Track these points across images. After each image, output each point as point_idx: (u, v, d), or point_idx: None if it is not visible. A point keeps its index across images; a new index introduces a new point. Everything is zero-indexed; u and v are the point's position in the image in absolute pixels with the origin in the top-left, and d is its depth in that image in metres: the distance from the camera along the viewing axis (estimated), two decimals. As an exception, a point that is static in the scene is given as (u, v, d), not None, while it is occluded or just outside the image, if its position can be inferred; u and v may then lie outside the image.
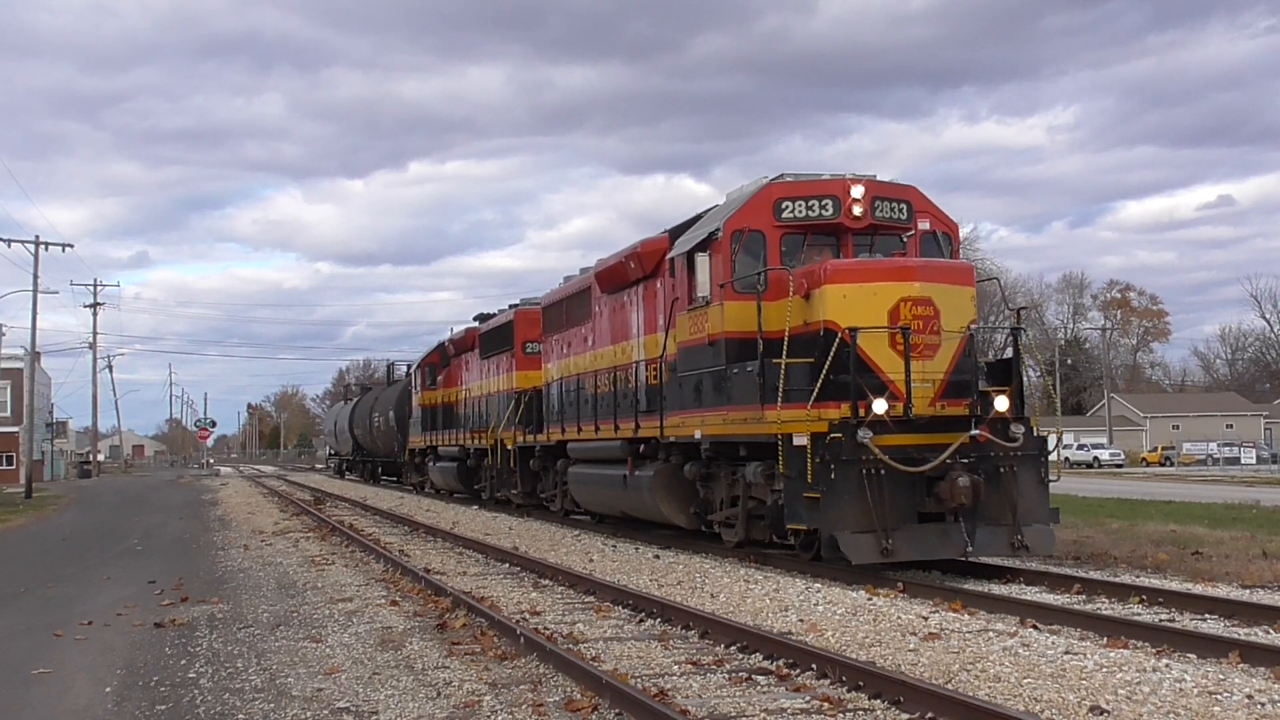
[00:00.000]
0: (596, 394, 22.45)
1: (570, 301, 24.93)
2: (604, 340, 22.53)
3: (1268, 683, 8.48)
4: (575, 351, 24.33)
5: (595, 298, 22.95)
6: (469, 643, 11.04)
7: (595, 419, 22.34)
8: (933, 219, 17.16)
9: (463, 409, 36.15)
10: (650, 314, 20.12)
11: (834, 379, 14.54)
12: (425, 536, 23.84)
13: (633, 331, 20.96)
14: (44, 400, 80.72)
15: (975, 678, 8.87)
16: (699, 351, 17.29)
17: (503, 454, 29.95)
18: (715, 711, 8.15)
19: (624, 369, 21.04)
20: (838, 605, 12.49)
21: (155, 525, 30.12)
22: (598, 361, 22.70)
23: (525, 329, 29.83)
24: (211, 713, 8.75)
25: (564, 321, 25.26)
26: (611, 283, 21.90)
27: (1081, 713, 7.76)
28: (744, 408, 15.76)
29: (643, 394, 20.00)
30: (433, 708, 8.60)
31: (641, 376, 20.16)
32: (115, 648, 11.66)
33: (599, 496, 23.06)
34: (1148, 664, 9.06)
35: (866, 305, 14.85)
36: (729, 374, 16.28)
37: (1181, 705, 7.81)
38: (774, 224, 16.55)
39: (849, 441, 14.17)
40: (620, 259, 21.21)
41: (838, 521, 14.17)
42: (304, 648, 11.18)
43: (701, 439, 17.28)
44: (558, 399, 25.36)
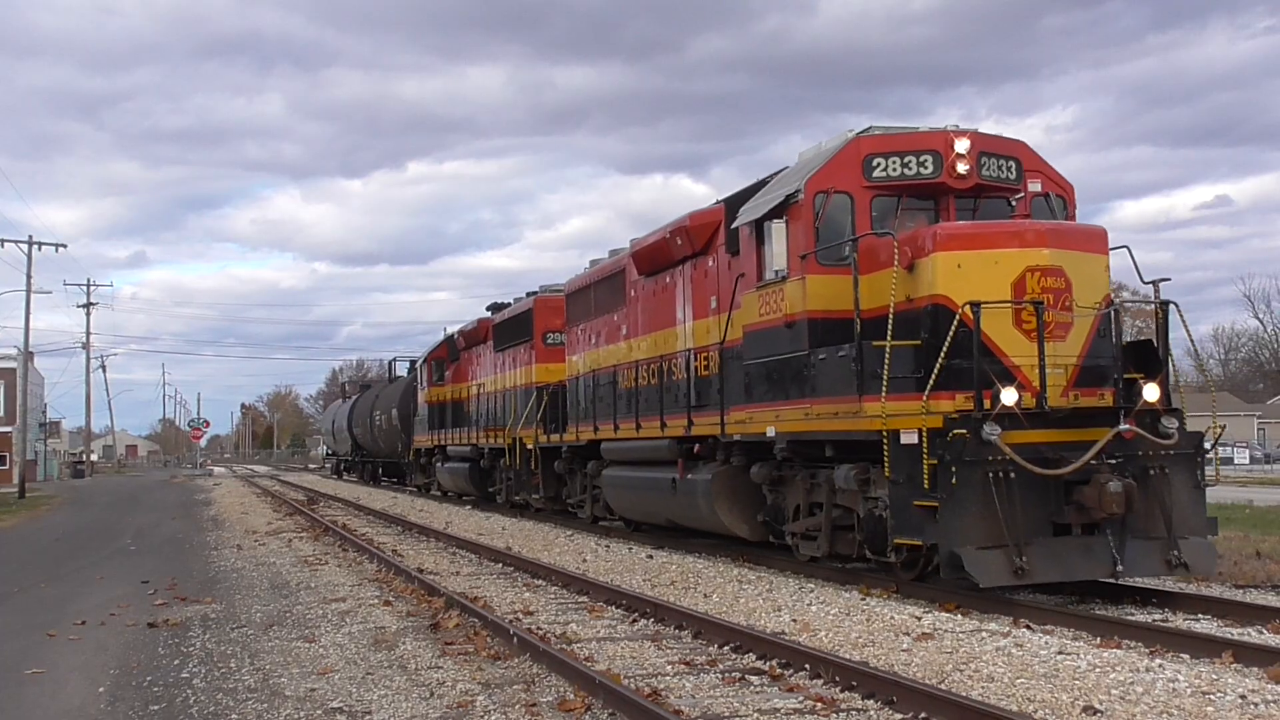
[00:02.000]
0: (637, 388, 20.35)
1: (600, 287, 22.82)
2: (643, 328, 20.52)
3: (1261, 683, 8.49)
4: (607, 341, 22.28)
5: (631, 281, 20.94)
6: (462, 643, 11.03)
7: (636, 416, 20.14)
8: (1044, 179, 14.95)
9: (474, 406, 33.90)
10: (700, 296, 18.13)
11: (945, 365, 12.41)
12: (418, 536, 23.82)
13: (678, 317, 18.96)
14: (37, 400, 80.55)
15: (968, 678, 8.87)
16: (772, 335, 15.05)
17: (522, 454, 27.53)
18: (708, 712, 8.15)
19: (670, 359, 19.06)
20: (831, 605, 12.50)
21: (148, 525, 30.08)
22: (635, 352, 20.70)
23: (546, 318, 27.69)
24: (205, 713, 8.73)
25: (592, 309, 23.19)
26: (652, 263, 19.86)
27: (1075, 713, 7.77)
28: (834, 399, 13.64)
29: (692, 387, 18.12)
30: (426, 708, 8.59)
31: (691, 367, 18.22)
32: (108, 648, 11.64)
33: (641, 503, 20.73)
34: (1141, 664, 9.06)
35: (985, 276, 12.70)
36: (812, 360, 14.07)
37: (1175, 705, 7.82)
38: (863, 184, 14.31)
39: (973, 439, 12.03)
40: (663, 235, 19.11)
41: (960, 535, 11.95)
42: (297, 648, 11.16)
43: (775, 437, 14.97)
44: (585, 394, 23.35)
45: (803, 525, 15.32)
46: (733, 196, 17.25)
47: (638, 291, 20.69)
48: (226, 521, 29.84)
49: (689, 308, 18.52)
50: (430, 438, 38.61)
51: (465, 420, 34.81)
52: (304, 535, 24.55)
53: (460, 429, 34.94)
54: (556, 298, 26.97)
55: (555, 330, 27.12)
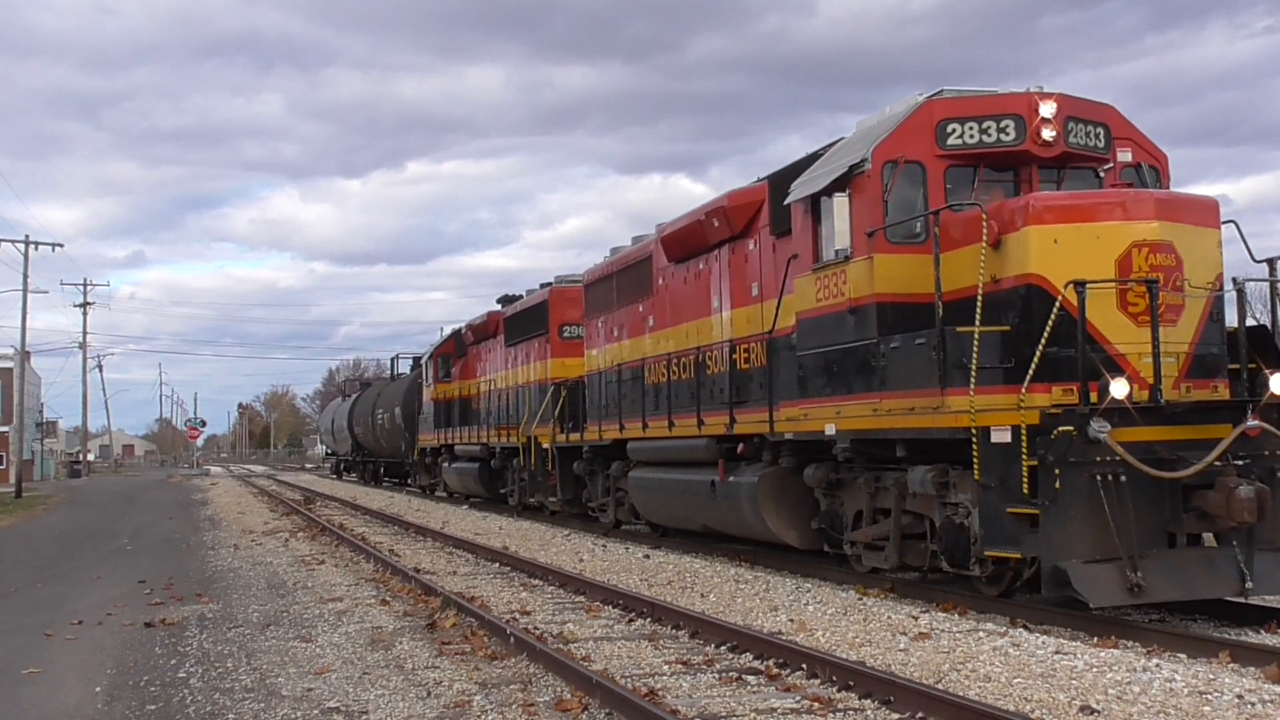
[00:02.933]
0: (670, 383, 18.82)
1: (623, 276, 21.40)
2: (673, 318, 19.13)
3: (1258, 682, 8.50)
4: (631, 334, 20.93)
5: (659, 268, 19.63)
6: (459, 642, 11.03)
7: (669, 413, 18.62)
8: (1135, 147, 13.49)
9: (483, 403, 32.55)
10: (739, 283, 16.86)
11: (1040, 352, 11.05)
12: (415, 536, 23.80)
13: (714, 306, 17.62)
14: (34, 400, 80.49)
15: (965, 677, 8.87)
16: (832, 322, 13.59)
17: (537, 454, 25.94)
18: (705, 711, 8.15)
19: (706, 352, 17.68)
20: (828, 605, 12.49)
21: (145, 525, 30.06)
22: (664, 344, 19.34)
23: (562, 310, 26.32)
24: (201, 712, 8.73)
25: (614, 299, 21.76)
26: (683, 248, 18.50)
27: (1072, 712, 7.77)
28: (910, 393, 12.17)
29: (731, 381, 16.66)
30: (423, 707, 8.59)
31: (730, 360, 16.77)
32: (105, 647, 11.63)
33: (674, 508, 19.15)
34: (1138, 664, 9.06)
35: (1085, 253, 11.35)
36: (882, 350, 12.63)
37: (1172, 705, 7.82)
38: (936, 153, 12.97)
39: (1079, 437, 10.62)
40: (696, 218, 17.79)
41: (1065, 546, 10.57)
42: (294, 647, 11.16)
43: (835, 435, 13.54)
44: (608, 390, 21.92)
45: (868, 534, 13.81)
46: (778, 173, 15.95)
47: (666, 280, 19.42)
48: (223, 521, 29.82)
49: (726, 296, 17.29)
50: (436, 436, 37.26)
51: (474, 418, 33.56)
52: (301, 535, 24.53)
53: (468, 427, 33.60)
54: (573, 288, 25.73)
55: (572, 323, 25.85)
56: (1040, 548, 10.76)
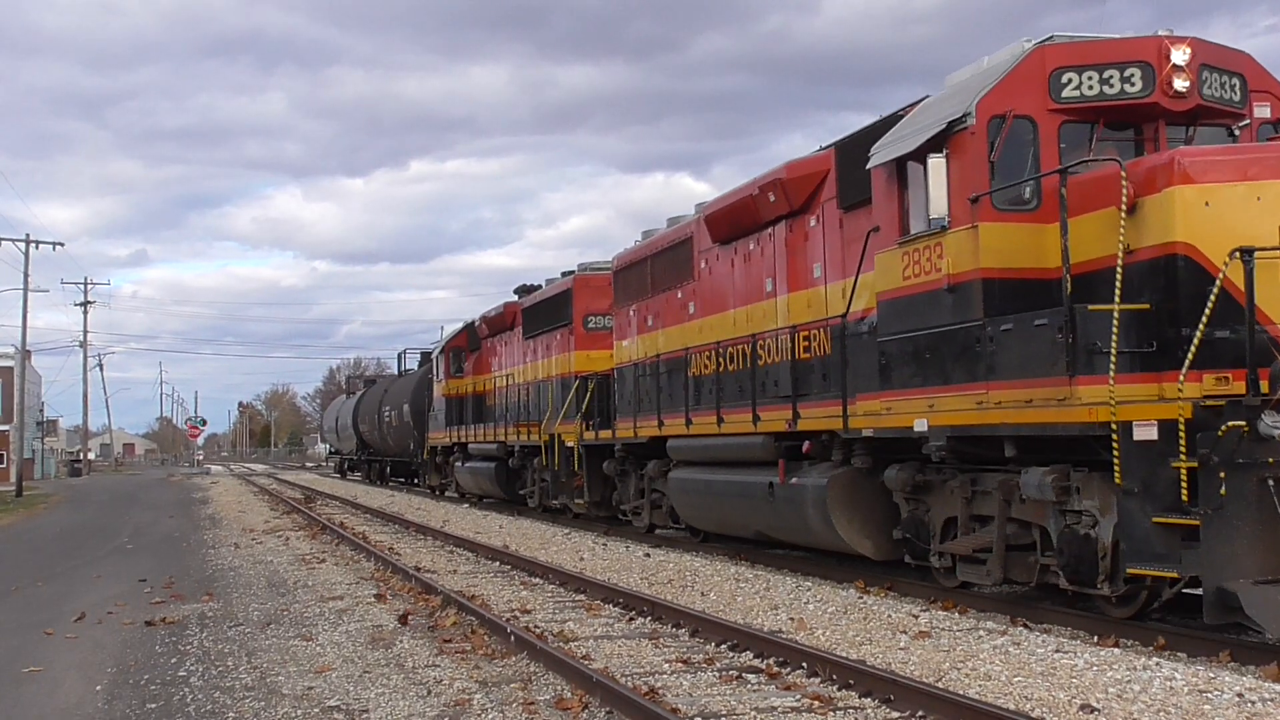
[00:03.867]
0: (718, 374, 17.24)
1: (659, 260, 19.95)
2: (718, 304, 17.62)
3: (1258, 681, 8.50)
4: (670, 322, 19.44)
5: (700, 251, 18.19)
6: (459, 641, 11.03)
7: (717, 407, 17.05)
8: (1275, 101, 11.87)
9: (499, 399, 31.08)
10: (799, 264, 15.37)
11: (1185, 334, 9.54)
12: (415, 535, 23.81)
13: (768, 289, 16.03)
14: (35, 399, 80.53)
15: (966, 676, 8.87)
16: (924, 302, 11.96)
17: (561, 453, 24.50)
18: (705, 710, 8.15)
19: (759, 340, 16.09)
20: (828, 603, 12.49)
21: (146, 523, 30.07)
22: (708, 332, 17.82)
23: (587, 299, 24.95)
24: (202, 711, 8.73)
25: (649, 285, 20.31)
26: (731, 227, 16.95)
27: (1072, 711, 7.77)
28: (1026, 382, 10.57)
29: (791, 372, 15.15)
30: (423, 706, 8.59)
31: (790, 348, 15.22)
32: (106, 646, 11.64)
33: (722, 512, 17.46)
34: (1138, 662, 9.06)
35: (1244, 218, 9.71)
36: (990, 333, 11.05)
37: (1172, 703, 7.82)
38: (1049, 106, 11.36)
39: (1249, 434, 9.04)
40: (747, 194, 16.21)
41: (1230, 564, 9.03)
42: (294, 646, 11.16)
43: (928, 432, 11.92)
44: (640, 383, 20.46)
45: (966, 544, 12.01)
46: (846, 139, 14.55)
47: (710, 262, 17.91)
48: (224, 520, 29.83)
49: (783, 279, 15.73)
50: (448, 434, 35.64)
51: (489, 415, 32.08)
52: (301, 533, 24.54)
53: (483, 425, 32.06)
54: (599, 276, 24.41)
55: (598, 313, 24.58)
56: (1201, 565, 9.15)
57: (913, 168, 12.18)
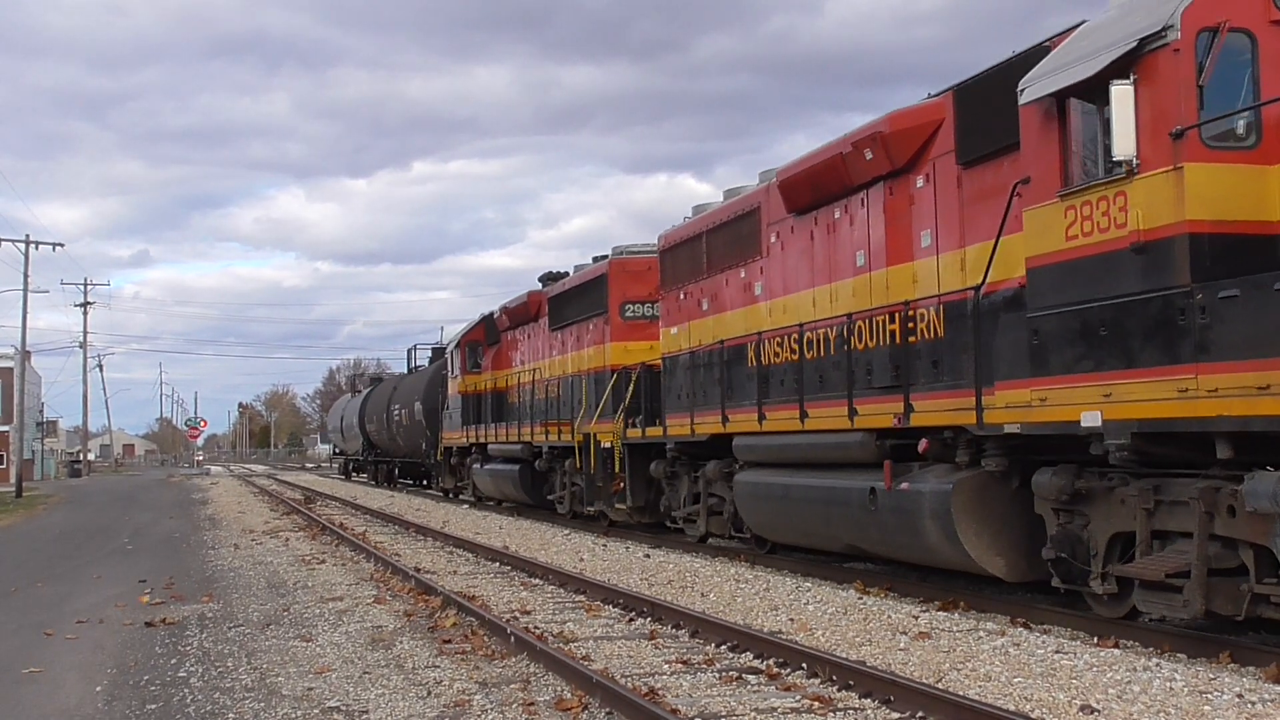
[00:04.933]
0: (799, 361, 14.99)
1: (717, 236, 17.99)
2: (794, 282, 15.56)
3: (1258, 682, 8.49)
4: (731, 304, 17.46)
5: (771, 222, 16.12)
6: (459, 642, 11.03)
7: (799, 400, 14.79)
8: None
9: (522, 396, 28.77)
10: (900, 231, 13.39)
11: None
12: (415, 535, 23.81)
13: (860, 263, 14.03)
14: (34, 399, 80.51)
15: (966, 677, 8.87)
16: (1097, 267, 9.89)
17: (598, 454, 22.23)
18: (705, 710, 8.15)
19: (851, 322, 13.87)
20: (828, 604, 12.49)
21: (145, 524, 30.07)
22: (780, 315, 15.77)
23: (624, 285, 23.01)
24: (202, 712, 8.73)
25: (704, 265, 18.33)
26: (814, 193, 14.89)
27: (1072, 711, 7.77)
28: (1259, 364, 8.48)
29: (890, 359, 13.22)
30: (423, 707, 8.59)
31: (895, 330, 13.20)
32: (106, 646, 11.64)
33: (806, 522, 14.97)
34: (1138, 663, 9.07)
35: None
36: (1200, 302, 8.97)
37: (1172, 704, 7.82)
38: (1272, 17, 9.34)
39: None
40: (835, 153, 14.18)
41: None
42: (294, 647, 11.16)
43: (1102, 427, 9.80)
44: (695, 375, 18.40)
45: (1158, 567, 9.71)
46: (967, 82, 12.59)
47: (783, 235, 15.87)
48: (223, 521, 29.83)
49: (880, 249, 13.71)
50: (464, 434, 33.32)
51: (510, 414, 29.79)
52: (301, 534, 24.55)
53: (505, 424, 29.74)
54: (637, 260, 22.79)
55: (637, 300, 22.82)
56: None
57: (1078, 104, 10.26)
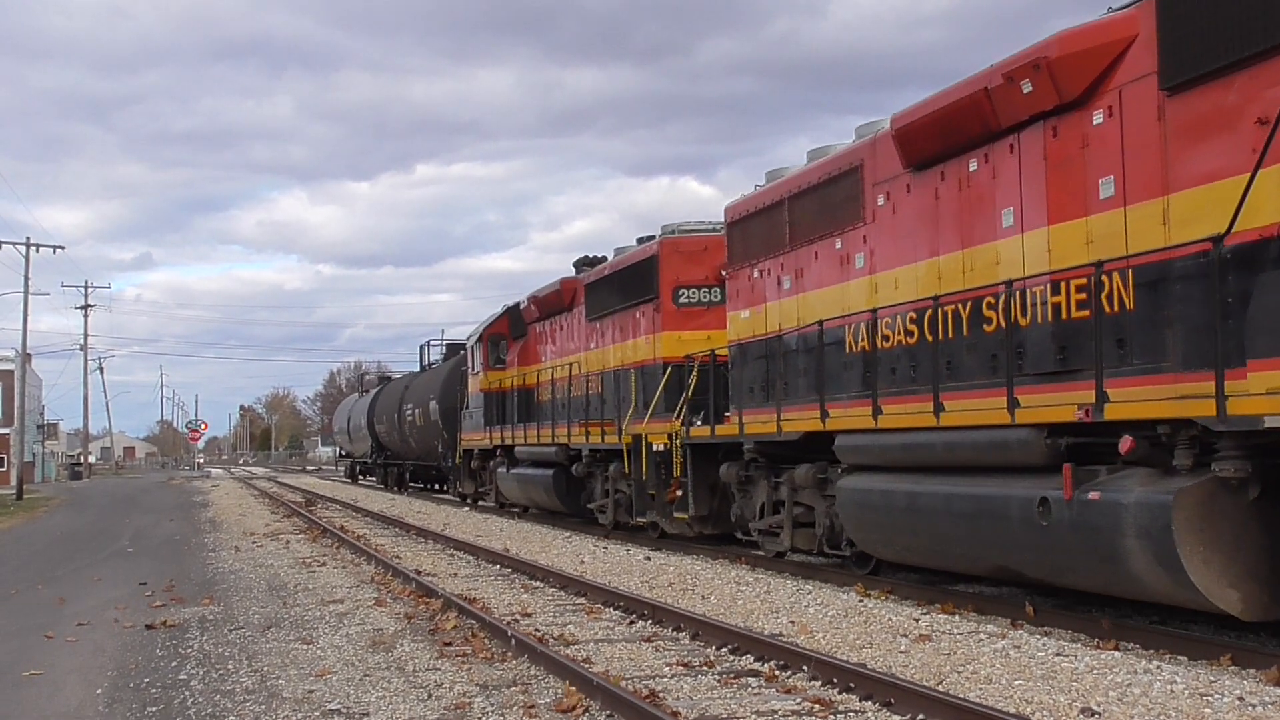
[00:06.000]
0: (934, 343, 12.53)
1: (804, 202, 15.56)
2: (913, 250, 13.23)
3: (1259, 685, 8.49)
4: (822, 281, 15.06)
5: (879, 182, 13.86)
6: (460, 644, 11.03)
7: (934, 391, 12.21)
8: None
9: (556, 393, 26.12)
10: (1067, 180, 10.95)
11: None
12: (416, 538, 23.81)
13: (1007, 223, 11.74)
14: (35, 402, 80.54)
15: (966, 679, 8.87)
16: None
17: (650, 458, 19.97)
18: (706, 713, 8.15)
19: (1000, 292, 11.53)
20: (829, 607, 12.49)
21: (146, 527, 30.07)
22: (891, 289, 13.50)
23: (677, 268, 20.78)
24: (202, 714, 8.73)
25: (786, 236, 15.95)
26: (943, 141, 12.54)
27: (1072, 714, 7.77)
28: None
29: (1053, 337, 10.99)
30: (424, 709, 8.59)
31: (1046, 305, 11.06)
32: (106, 649, 11.63)
33: (940, 538, 12.39)
34: (1139, 665, 9.06)
35: None
36: None
37: (1172, 707, 7.82)
38: None
39: None
40: (979, 88, 11.74)
41: None
42: (295, 649, 11.16)
43: None
44: (775, 364, 16.03)
45: None
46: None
47: (895, 196, 13.59)
48: (224, 523, 29.82)
49: (1039, 205, 11.37)
50: (486, 435, 30.78)
51: (541, 413, 27.29)
52: (302, 537, 24.55)
53: (535, 424, 27.12)
54: (692, 239, 20.79)
55: (692, 284, 20.72)
56: None
57: None
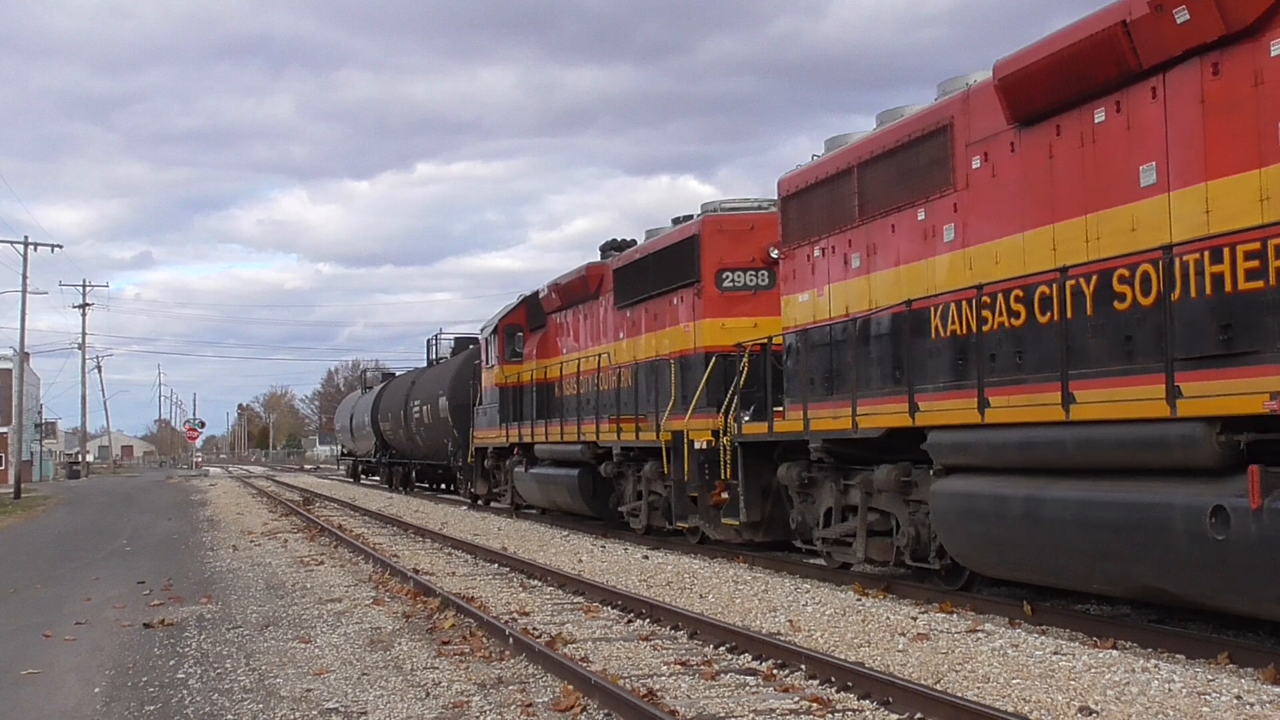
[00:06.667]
0: (1054, 322, 10.72)
1: (875, 170, 13.91)
2: (1019, 218, 11.48)
3: (1257, 683, 8.50)
4: (901, 258, 13.38)
5: (974, 142, 12.15)
6: (458, 643, 11.03)
7: (1060, 376, 10.47)
8: None
9: (582, 386, 24.22)
10: (1232, 125, 9.23)
11: None
12: (414, 537, 23.81)
13: (1146, 180, 10.07)
14: (33, 401, 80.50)
15: (964, 678, 8.88)
16: None
17: (692, 456, 18.42)
18: (704, 712, 8.15)
19: (1141, 264, 9.88)
20: (826, 606, 12.50)
21: (144, 526, 30.06)
22: (999, 264, 11.68)
23: (720, 249, 19.17)
24: (200, 713, 8.73)
25: (854, 209, 14.23)
26: (1059, 87, 10.86)
27: (1070, 713, 7.77)
28: None
29: (1212, 313, 9.16)
30: (421, 708, 8.59)
31: (1206, 275, 9.22)
32: (104, 648, 11.63)
33: (1074, 553, 10.52)
34: (1137, 664, 9.07)
35: None
36: None
37: (1170, 705, 7.82)
38: None
39: None
40: (1116, 21, 10.05)
41: None
42: (293, 648, 11.16)
43: None
44: (841, 353, 14.35)
45: None
46: None
47: (996, 157, 11.88)
48: (222, 522, 29.82)
49: (1193, 157, 9.58)
50: (502, 432, 28.93)
51: (563, 408, 25.42)
52: (300, 536, 24.54)
53: (557, 421, 25.27)
54: (737, 217, 19.20)
55: (737, 266, 19.11)
56: None
57: None
